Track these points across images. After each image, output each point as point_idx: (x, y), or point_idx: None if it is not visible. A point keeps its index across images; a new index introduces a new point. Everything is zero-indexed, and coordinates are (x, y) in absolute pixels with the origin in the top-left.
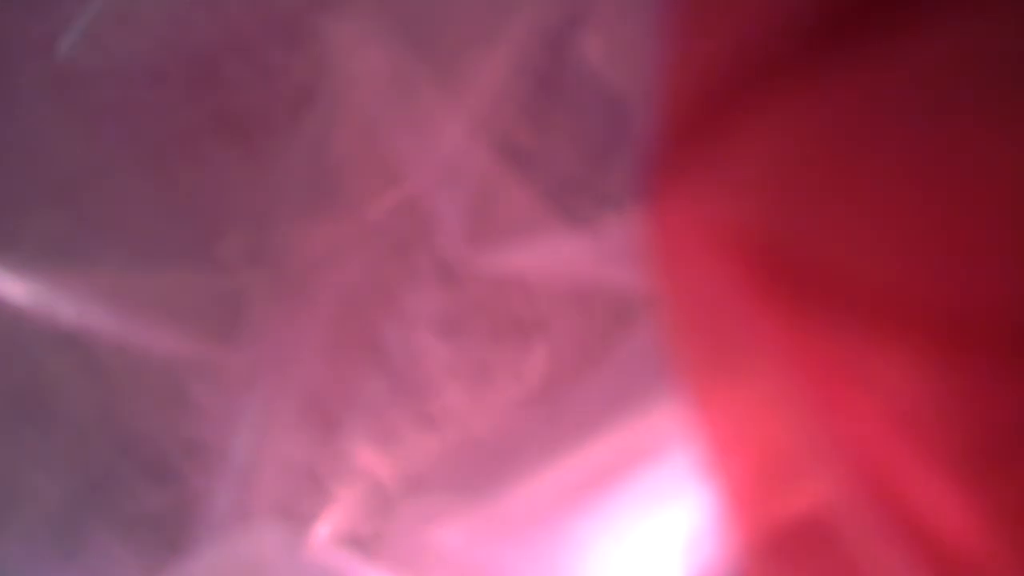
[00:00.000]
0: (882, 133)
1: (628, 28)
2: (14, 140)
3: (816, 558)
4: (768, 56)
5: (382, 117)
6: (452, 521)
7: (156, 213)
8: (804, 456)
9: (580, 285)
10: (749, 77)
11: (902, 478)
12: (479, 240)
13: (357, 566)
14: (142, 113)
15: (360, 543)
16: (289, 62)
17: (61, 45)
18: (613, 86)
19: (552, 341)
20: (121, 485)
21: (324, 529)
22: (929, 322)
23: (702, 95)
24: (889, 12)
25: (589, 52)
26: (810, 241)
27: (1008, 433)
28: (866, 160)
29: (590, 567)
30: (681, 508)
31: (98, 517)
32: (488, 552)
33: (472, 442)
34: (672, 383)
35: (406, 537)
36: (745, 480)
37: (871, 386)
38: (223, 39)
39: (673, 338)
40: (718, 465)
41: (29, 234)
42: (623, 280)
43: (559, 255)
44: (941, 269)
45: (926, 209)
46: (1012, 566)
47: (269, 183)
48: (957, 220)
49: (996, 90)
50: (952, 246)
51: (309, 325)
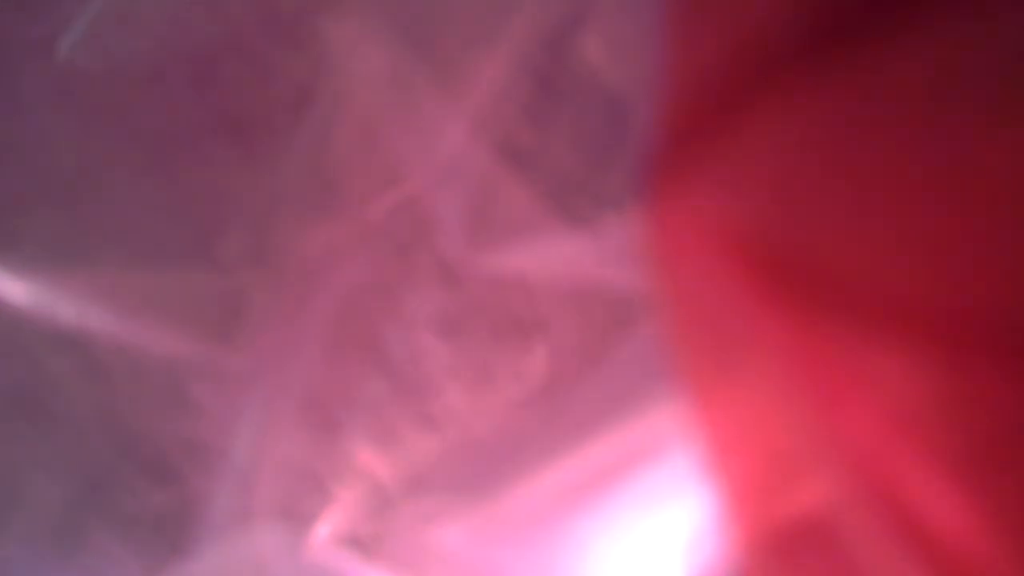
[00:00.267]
0: (882, 133)
1: (628, 28)
2: (14, 140)
3: (816, 558)
4: (768, 56)
5: (382, 117)
6: (452, 521)
7: (156, 213)
8: (804, 456)
9: (580, 285)
10: (749, 77)
11: (902, 478)
12: (479, 240)
13: (357, 566)
14: (142, 113)
15: (360, 543)
16: (289, 62)
17: (61, 45)
18: (613, 86)
19: (552, 341)
20: (121, 485)
21: (324, 529)
22: (929, 322)
23: (702, 95)
24: (889, 13)
25: (589, 52)
26: (810, 241)
27: (1008, 433)
28: (866, 160)
29: (590, 567)
30: (681, 508)
31: (98, 517)
32: (488, 552)
33: (472, 442)
34: (672, 383)
35: (406, 537)
36: (745, 480)
37: (871, 386)
38: (223, 39)
39: (673, 338)
40: (718, 465)
41: (29, 234)
42: (623, 280)
43: (559, 255)
44: (942, 269)
45: (926, 209)
46: (1012, 566)
47: (269, 183)
48: (957, 220)
49: (996, 90)
50: (952, 246)
51: (309, 325)
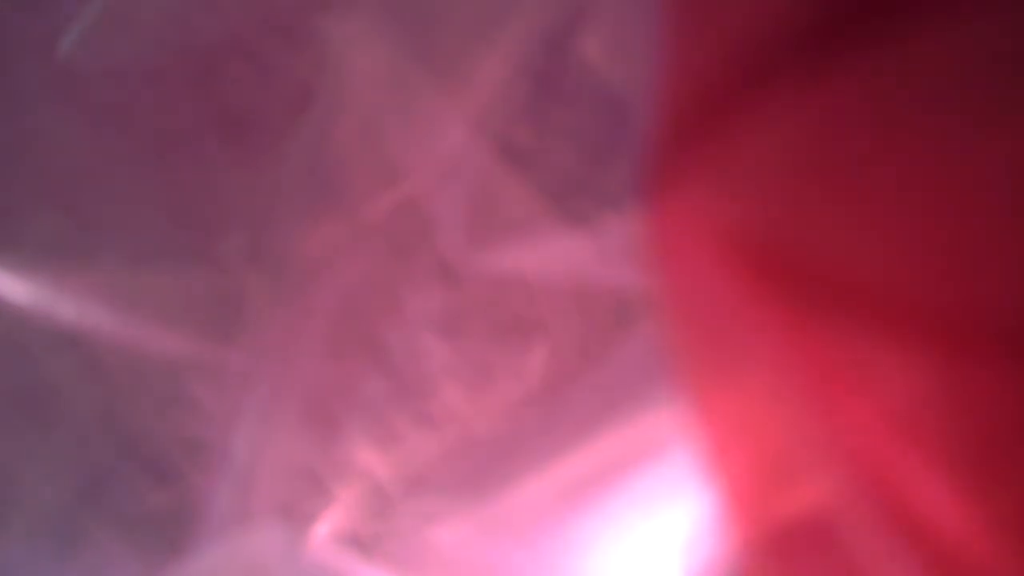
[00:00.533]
0: (882, 133)
1: (628, 28)
2: (14, 140)
3: (815, 558)
4: (768, 56)
5: (382, 117)
6: (452, 521)
7: (156, 213)
8: (804, 456)
9: (580, 285)
10: (749, 77)
11: (901, 478)
12: (479, 240)
13: (357, 566)
14: (142, 113)
15: (360, 543)
16: (289, 62)
17: (61, 45)
18: (613, 86)
19: (552, 341)
20: (121, 485)
21: (324, 529)
22: (929, 322)
23: (702, 95)
24: (889, 14)
25: (589, 52)
26: (810, 241)
27: (1008, 433)
28: (866, 160)
29: (590, 567)
30: (680, 508)
31: (98, 517)
32: (488, 552)
33: (472, 442)
34: (672, 383)
35: (406, 537)
36: (745, 480)
37: (871, 386)
38: (223, 39)
39: (673, 338)
40: (718, 465)
41: (29, 234)
42: (623, 280)
43: (559, 255)
44: (941, 269)
45: (925, 209)
46: (1012, 566)
47: (269, 183)
48: (957, 220)
49: (995, 91)
50: (952, 246)
51: (309, 325)
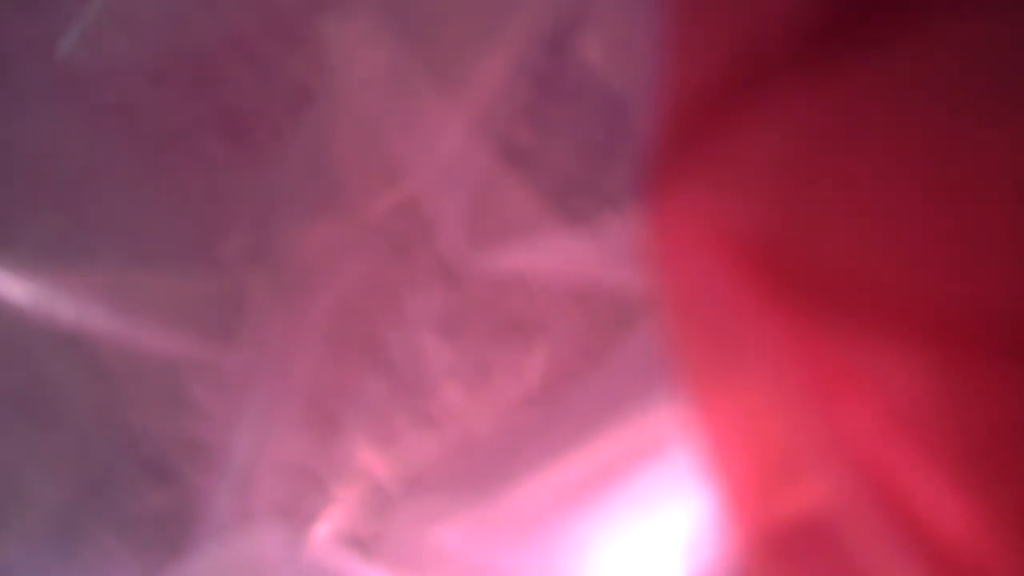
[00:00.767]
0: (882, 133)
1: (628, 28)
2: (14, 140)
3: (816, 558)
4: (768, 56)
5: (382, 117)
6: (452, 521)
7: (156, 213)
8: (804, 456)
9: (580, 285)
10: (749, 77)
11: (902, 478)
12: (479, 240)
13: (357, 566)
14: (142, 113)
15: (360, 543)
16: (289, 62)
17: (61, 45)
18: (613, 86)
19: (552, 341)
20: (121, 485)
21: (324, 529)
22: (929, 322)
23: (702, 94)
24: (889, 13)
25: (589, 52)
26: (810, 241)
27: (1008, 433)
28: (866, 160)
29: (590, 567)
30: (681, 508)
31: (98, 517)
32: (488, 552)
33: (472, 442)
34: (672, 383)
35: (406, 537)
36: (745, 480)
37: (871, 386)
38: (223, 39)
39: (673, 338)
40: (718, 465)
41: (29, 234)
42: (623, 280)
43: (559, 255)
44: (941, 269)
45: (926, 209)
46: (1012, 566)
47: (269, 183)
48: (957, 220)
49: (996, 90)
50: (952, 246)
51: (309, 325)
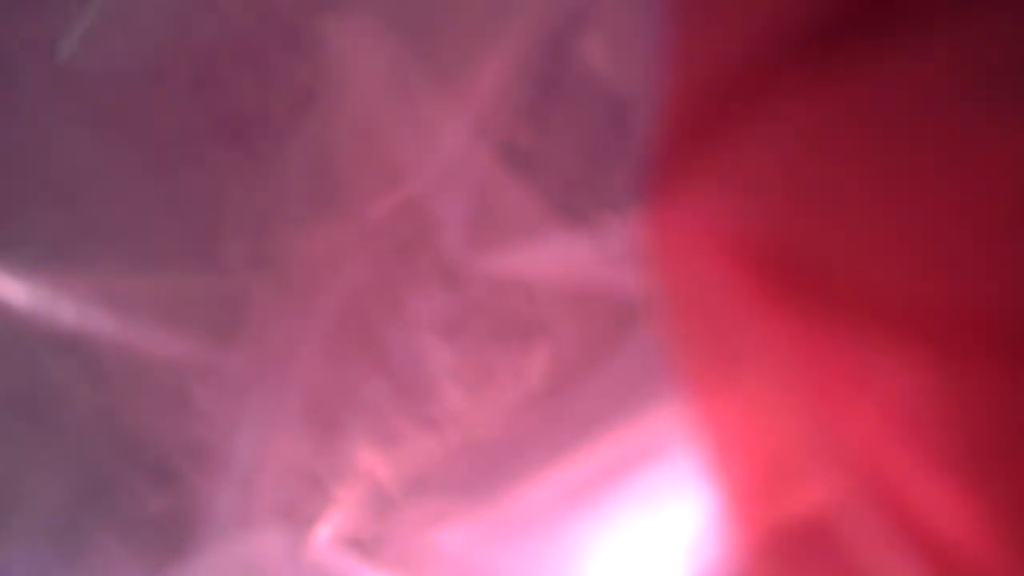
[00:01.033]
0: (882, 135)
1: (629, 29)
2: (14, 141)
3: (817, 558)
4: (769, 58)
5: (382, 117)
6: (453, 523)
7: (157, 215)
8: (805, 457)
9: (581, 286)
10: (750, 79)
11: (902, 478)
12: (480, 241)
13: (358, 568)
14: (142, 114)
15: (361, 545)
16: (289, 62)
17: (61, 46)
18: (614, 87)
19: (553, 342)
20: (122, 487)
21: (325, 531)
22: (929, 323)
23: (703, 97)
24: (890, 17)
25: (590, 53)
26: (810, 242)
27: (1008, 433)
28: (866, 162)
29: (591, 568)
30: (682, 509)
31: (99, 520)
32: (489, 553)
33: (473, 443)
34: (673, 384)
35: (407, 539)
36: (746, 481)
37: (871, 387)
38: (223, 39)
39: (674, 339)
40: (719, 466)
41: (30, 236)
42: (624, 281)
43: (560, 256)
44: (941, 270)
45: (926, 210)
46: (1012, 566)
47: (269, 184)
48: (957, 222)
49: (996, 93)
50: (952, 247)
51: (310, 326)
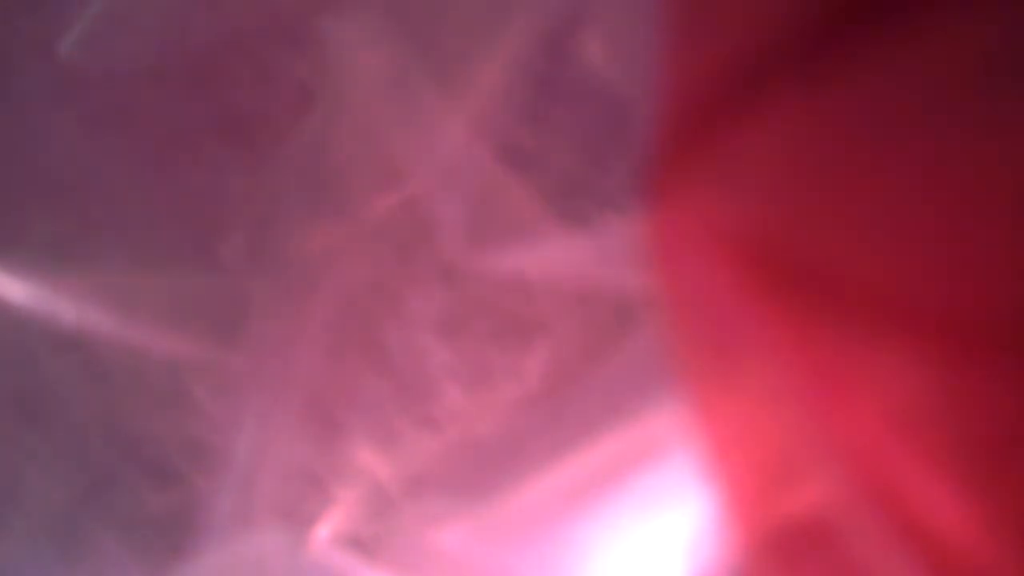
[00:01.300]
0: (881, 135)
1: (628, 29)
2: (14, 141)
3: (816, 559)
4: (768, 58)
5: (382, 117)
6: (453, 522)
7: (156, 214)
8: (804, 457)
9: (581, 286)
10: (749, 79)
11: (901, 478)
12: (479, 240)
13: (358, 567)
14: (142, 113)
15: (361, 544)
16: (289, 62)
17: (61, 46)
18: (613, 87)
19: (553, 342)
20: (122, 487)
21: (325, 530)
22: (928, 322)
23: (702, 96)
24: (888, 17)
25: (589, 53)
26: (810, 242)
27: (1007, 433)
28: (865, 162)
29: (590, 568)
30: (681, 509)
31: (99, 519)
32: (489, 553)
33: (473, 443)
34: (673, 384)
35: (407, 538)
36: (745, 481)
37: (870, 386)
38: (223, 39)
39: (673, 339)
40: (718, 466)
41: (29, 235)
42: (624, 281)
43: (559, 256)
44: (940, 270)
45: (925, 210)
46: (1011, 566)
47: (269, 183)
48: (956, 221)
49: (993, 93)
50: (951, 247)
51: (310, 326)
